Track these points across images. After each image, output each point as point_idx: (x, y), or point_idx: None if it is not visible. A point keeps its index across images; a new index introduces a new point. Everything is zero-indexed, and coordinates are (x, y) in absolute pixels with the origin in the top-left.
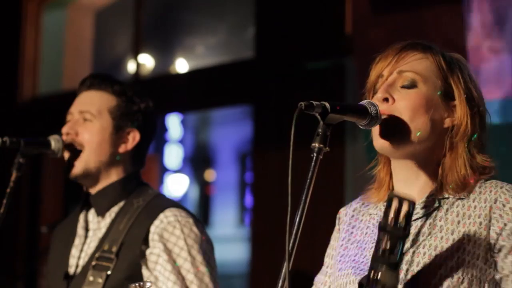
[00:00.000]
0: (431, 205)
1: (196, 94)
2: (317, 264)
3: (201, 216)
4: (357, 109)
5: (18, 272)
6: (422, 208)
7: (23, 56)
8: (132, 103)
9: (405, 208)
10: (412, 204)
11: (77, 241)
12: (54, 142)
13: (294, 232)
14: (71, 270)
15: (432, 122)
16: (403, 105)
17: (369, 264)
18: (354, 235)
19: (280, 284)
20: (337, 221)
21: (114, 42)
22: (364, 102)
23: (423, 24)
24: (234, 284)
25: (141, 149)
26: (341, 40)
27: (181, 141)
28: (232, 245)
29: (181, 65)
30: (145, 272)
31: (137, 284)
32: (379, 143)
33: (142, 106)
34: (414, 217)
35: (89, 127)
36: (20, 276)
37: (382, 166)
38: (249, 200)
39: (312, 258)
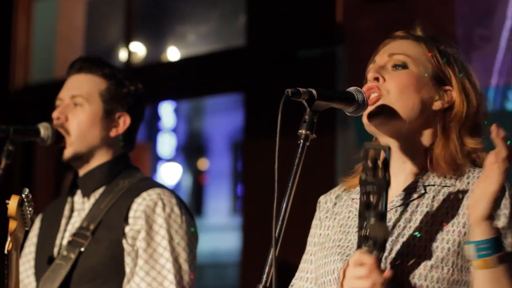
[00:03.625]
0: (413, 192)
1: (188, 82)
2: None
3: (194, 205)
4: (344, 96)
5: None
6: (405, 194)
7: (15, 45)
8: (122, 86)
9: (382, 155)
10: (388, 149)
11: (63, 221)
12: (43, 129)
13: (281, 218)
14: (55, 250)
15: (421, 102)
16: (393, 84)
17: (354, 247)
18: (337, 220)
19: (267, 270)
20: (317, 209)
21: (105, 30)
22: (351, 89)
23: (414, 13)
24: (228, 273)
25: (131, 132)
26: (332, 29)
27: (174, 130)
28: (225, 234)
29: (173, 53)
30: (126, 246)
31: None
32: (367, 120)
33: (132, 89)
34: (397, 204)
35: (79, 112)
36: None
37: None
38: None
39: (302, 246)
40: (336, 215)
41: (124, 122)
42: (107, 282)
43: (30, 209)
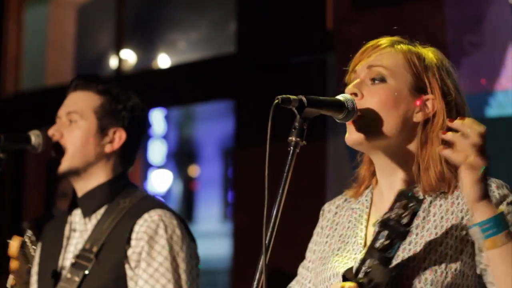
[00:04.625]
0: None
1: (178, 89)
2: (300, 260)
3: (185, 211)
4: (334, 103)
5: (1, 268)
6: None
7: (6, 52)
8: (117, 102)
9: (412, 205)
10: (419, 203)
11: (65, 242)
12: (34, 137)
13: (271, 225)
14: (58, 271)
15: (402, 116)
16: (372, 101)
17: (352, 257)
18: (337, 230)
19: (257, 277)
20: (320, 217)
21: (96, 37)
22: (340, 96)
23: (404, 19)
24: (219, 279)
25: (129, 148)
26: (322, 35)
27: (165, 137)
28: (216, 240)
29: (163, 61)
30: (128, 272)
31: None
32: (352, 137)
33: (128, 105)
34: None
35: (74, 128)
36: (3, 271)
37: (363, 164)
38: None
39: (294, 253)
40: (336, 225)
41: (119, 137)
42: None
43: (34, 247)
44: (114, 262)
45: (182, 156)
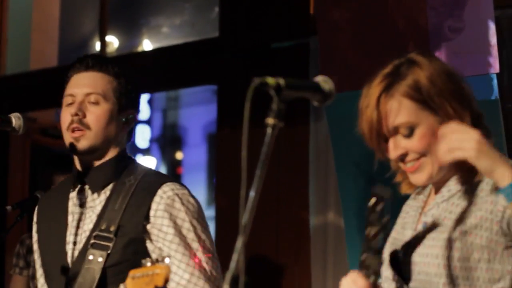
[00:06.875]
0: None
1: (161, 73)
2: (281, 243)
3: None
4: (311, 85)
5: None
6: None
7: None
8: (129, 84)
9: (380, 204)
10: (380, 200)
11: (70, 218)
12: (15, 119)
13: (250, 206)
14: (69, 250)
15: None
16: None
17: (403, 239)
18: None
19: (235, 258)
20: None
21: (81, 21)
22: (318, 78)
23: (385, 4)
24: None
25: (134, 126)
26: (305, 20)
27: (149, 121)
28: None
29: (147, 46)
30: (149, 245)
31: (151, 259)
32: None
33: (135, 85)
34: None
35: (97, 109)
36: None
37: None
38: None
39: (274, 234)
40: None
41: (134, 118)
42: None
43: None
44: (132, 238)
45: (167, 140)
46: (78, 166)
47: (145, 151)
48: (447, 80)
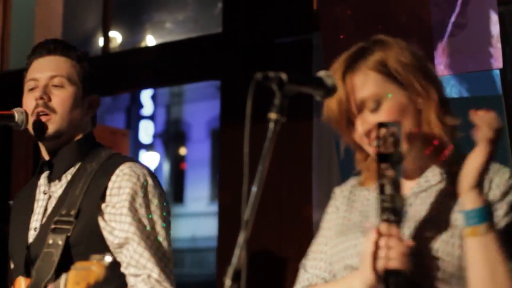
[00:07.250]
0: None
1: (164, 69)
2: (283, 239)
3: (174, 192)
4: (314, 81)
5: None
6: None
7: None
8: (91, 68)
9: (392, 131)
10: (397, 124)
11: (36, 205)
12: (18, 114)
13: (253, 202)
14: (31, 235)
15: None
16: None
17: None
18: (355, 207)
19: (237, 253)
20: (332, 198)
21: (84, 17)
22: (321, 73)
23: (388, 0)
24: (208, 259)
25: (96, 112)
26: (308, 16)
27: (153, 117)
28: (205, 220)
29: (151, 42)
30: (101, 223)
31: (98, 255)
32: None
33: (95, 70)
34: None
35: (62, 92)
36: None
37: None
38: None
39: (277, 229)
40: (353, 202)
41: (97, 102)
42: (94, 249)
43: None
44: (90, 218)
45: (171, 136)
46: (44, 154)
47: (149, 147)
48: (413, 57)
